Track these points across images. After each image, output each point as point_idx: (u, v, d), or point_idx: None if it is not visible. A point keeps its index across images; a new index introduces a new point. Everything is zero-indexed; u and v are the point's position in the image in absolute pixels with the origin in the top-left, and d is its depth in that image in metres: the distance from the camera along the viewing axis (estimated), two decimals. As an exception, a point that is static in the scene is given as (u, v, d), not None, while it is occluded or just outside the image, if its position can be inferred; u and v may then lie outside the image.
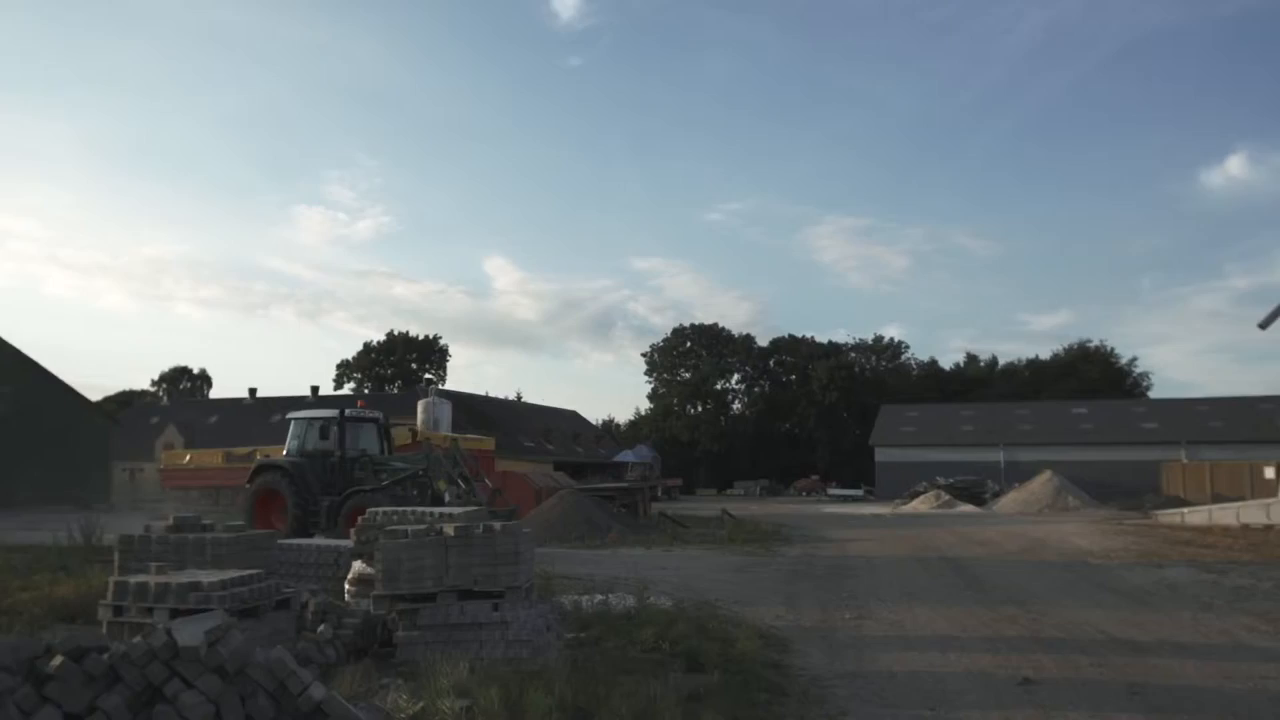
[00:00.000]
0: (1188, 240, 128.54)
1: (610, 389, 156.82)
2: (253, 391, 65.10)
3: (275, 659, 5.13)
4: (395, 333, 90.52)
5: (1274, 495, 31.13)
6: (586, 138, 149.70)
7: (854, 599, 12.64)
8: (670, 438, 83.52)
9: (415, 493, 19.79)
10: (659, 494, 48.02)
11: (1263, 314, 24.70)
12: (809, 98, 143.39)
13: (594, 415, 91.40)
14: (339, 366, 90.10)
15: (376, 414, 21.96)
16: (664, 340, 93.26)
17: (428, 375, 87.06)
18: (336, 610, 8.29)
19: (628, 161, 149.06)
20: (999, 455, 57.08)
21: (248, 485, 20.48)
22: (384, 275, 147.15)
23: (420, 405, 35.91)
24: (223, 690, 4.94)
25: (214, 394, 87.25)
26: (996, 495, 46.68)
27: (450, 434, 33.77)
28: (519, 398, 77.49)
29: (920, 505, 44.83)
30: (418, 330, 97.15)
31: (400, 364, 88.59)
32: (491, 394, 71.59)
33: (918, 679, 7.81)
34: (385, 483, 19.76)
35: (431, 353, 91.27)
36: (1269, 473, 36.92)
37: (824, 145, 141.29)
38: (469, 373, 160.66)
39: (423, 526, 8.44)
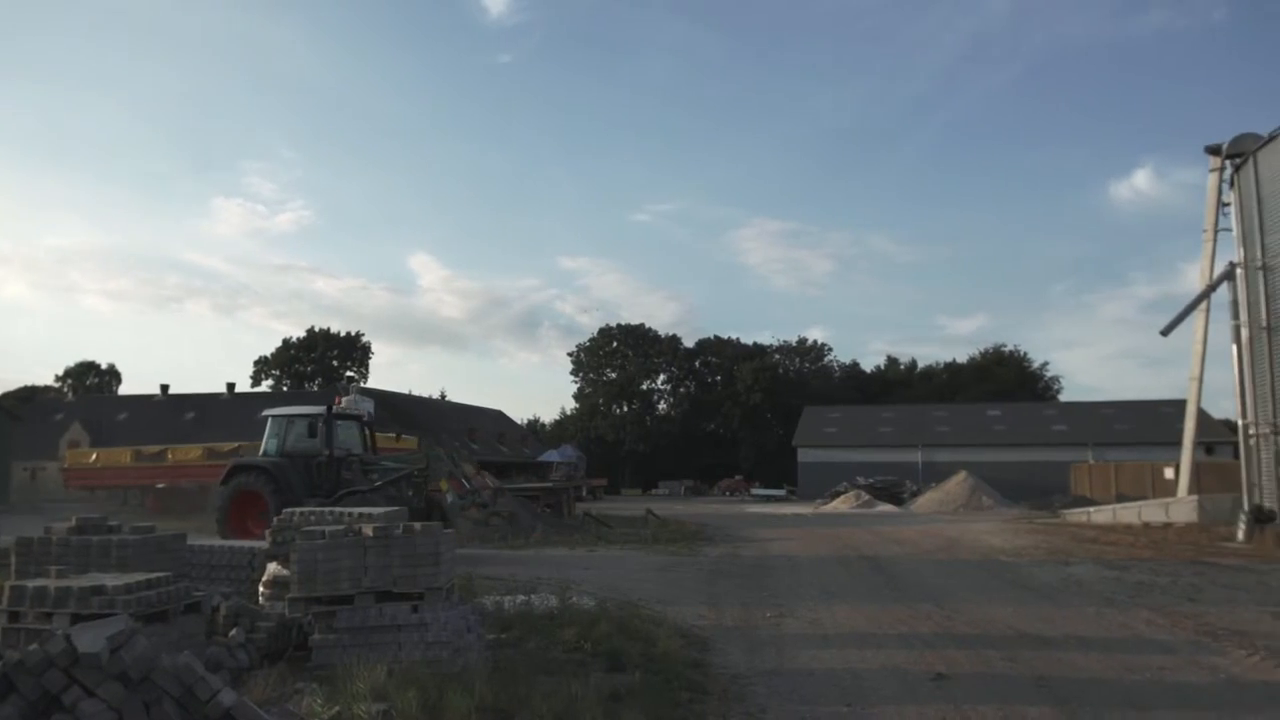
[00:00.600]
0: (1097, 249, 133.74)
1: (536, 388, 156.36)
2: (164, 388, 63.06)
3: (182, 664, 4.96)
4: (316, 329, 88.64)
5: (1173, 495, 32.50)
6: (515, 135, 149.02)
7: (775, 598, 12.80)
8: (596, 437, 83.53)
9: (411, 493, 19.22)
10: (584, 494, 47.94)
11: (1165, 321, 25.75)
12: (738, 102, 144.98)
13: (519, 415, 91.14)
14: (257, 363, 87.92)
15: (360, 411, 21.15)
16: (590, 340, 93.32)
17: (349, 373, 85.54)
18: (250, 613, 8.06)
19: (556, 160, 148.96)
20: (917, 456, 58.50)
21: (221, 486, 19.33)
22: (305, 270, 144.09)
23: (341, 403, 35.23)
24: (126, 698, 4.76)
25: (123, 390, 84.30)
26: (914, 495, 47.79)
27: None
28: (443, 396, 76.70)
29: (841, 505, 45.62)
30: (339, 327, 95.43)
31: (321, 361, 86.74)
32: (415, 392, 70.76)
33: (835, 676, 7.94)
34: (378, 483, 19.02)
35: (353, 350, 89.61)
36: (1169, 473, 38.49)
37: (752, 149, 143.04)
38: (392, 370, 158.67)
39: (340, 527, 8.26)
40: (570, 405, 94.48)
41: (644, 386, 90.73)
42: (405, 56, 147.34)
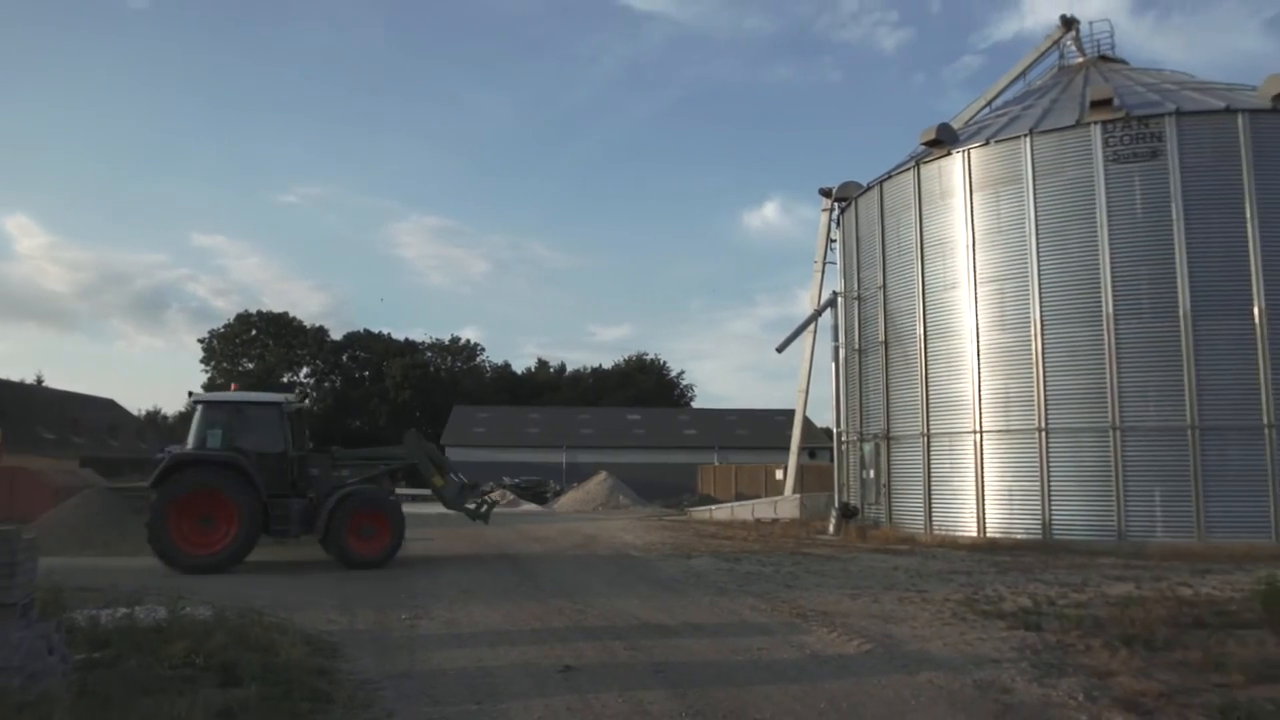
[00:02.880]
0: (730, 271, 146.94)
1: (159, 376, 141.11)
2: None
3: None
4: None
5: (782, 494, 36.55)
6: (145, 91, 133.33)
7: (411, 599, 12.58)
8: (228, 433, 77.09)
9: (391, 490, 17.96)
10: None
11: (780, 339, 28.84)
12: (400, 91, 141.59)
13: (136, 405, 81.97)
14: None
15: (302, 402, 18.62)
16: (226, 326, 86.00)
17: (-87, 350, 71.78)
18: None
19: (193, 125, 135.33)
20: (562, 456, 60.57)
21: (153, 488, 16.01)
22: None
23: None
24: None
25: None
26: (558, 494, 49.41)
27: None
28: (40, 381, 66.90)
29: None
30: (-100, 294, 79.53)
31: (-127, 335, 71.97)
32: (1, 376, 60.95)
33: (467, 675, 7.95)
34: (352, 481, 17.36)
35: (-80, 323, 75.35)
36: (779, 474, 43.30)
37: (412, 141, 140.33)
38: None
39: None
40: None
41: (285, 379, 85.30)
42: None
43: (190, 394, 18.85)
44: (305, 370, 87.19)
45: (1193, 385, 19.34)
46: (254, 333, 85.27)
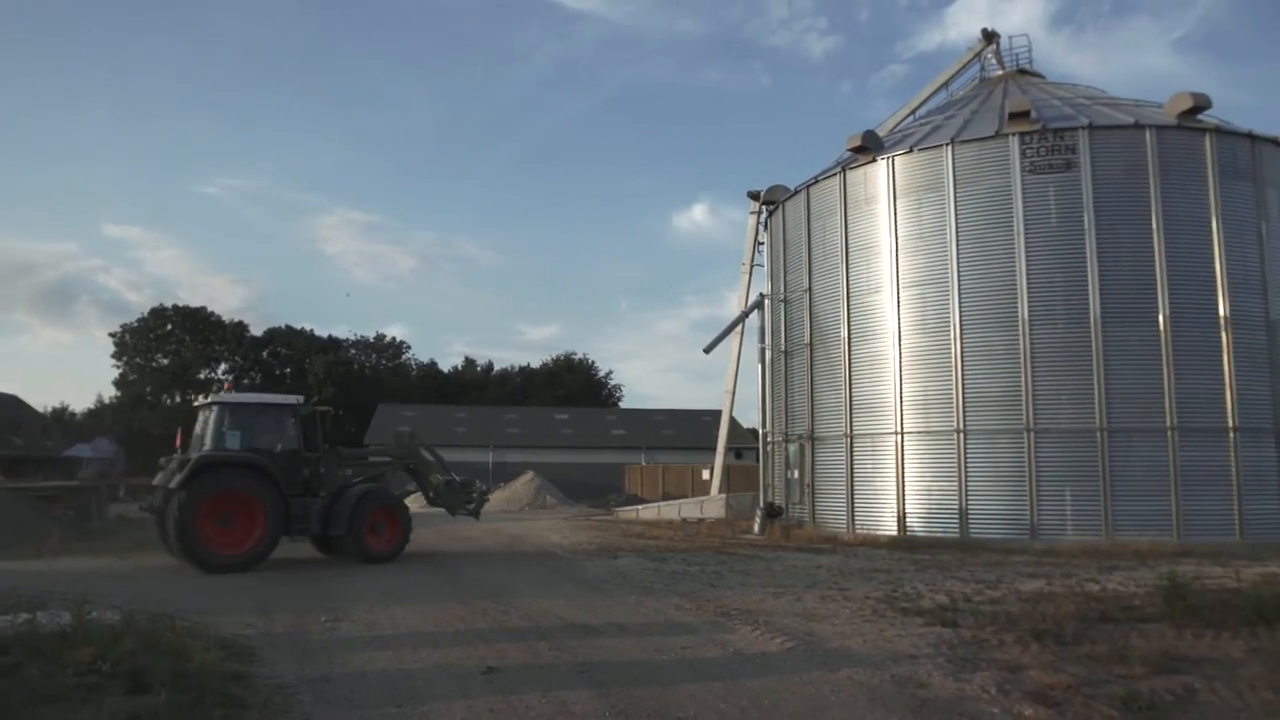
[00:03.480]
0: (659, 271, 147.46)
1: (66, 372, 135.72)
2: None
3: None
4: None
5: (708, 494, 36.83)
6: (52, 67, 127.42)
7: (331, 601, 12.32)
8: (141, 430, 74.49)
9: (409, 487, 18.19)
10: (121, 494, 42.48)
11: (708, 340, 29.07)
12: (327, 83, 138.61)
13: (41, 401, 78.79)
14: None
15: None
16: (139, 321, 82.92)
17: None
18: None
19: (106, 110, 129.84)
20: (489, 456, 60.01)
21: (181, 491, 15.67)
22: None
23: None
24: None
25: None
26: (484, 494, 48.92)
27: None
28: (-64, 377, 63.66)
29: (411, 504, 45.23)
30: None
31: None
32: (-105, 371, 58.03)
33: (388, 677, 7.83)
34: (356, 481, 18.55)
35: None
36: (706, 474, 43.58)
37: (338, 135, 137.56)
38: None
39: None
40: (110, 393, 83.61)
41: (202, 376, 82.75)
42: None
43: (205, 395, 18.79)
44: (223, 367, 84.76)
45: (1102, 389, 20.08)
46: (169, 327, 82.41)
